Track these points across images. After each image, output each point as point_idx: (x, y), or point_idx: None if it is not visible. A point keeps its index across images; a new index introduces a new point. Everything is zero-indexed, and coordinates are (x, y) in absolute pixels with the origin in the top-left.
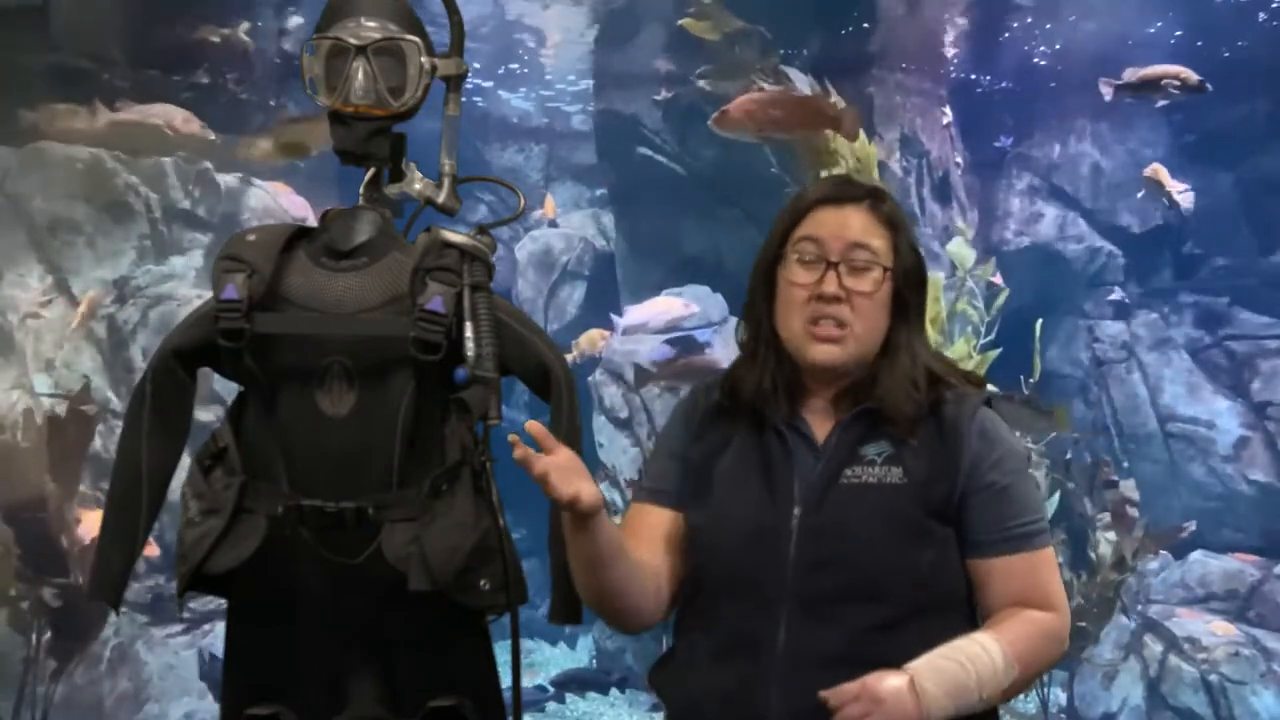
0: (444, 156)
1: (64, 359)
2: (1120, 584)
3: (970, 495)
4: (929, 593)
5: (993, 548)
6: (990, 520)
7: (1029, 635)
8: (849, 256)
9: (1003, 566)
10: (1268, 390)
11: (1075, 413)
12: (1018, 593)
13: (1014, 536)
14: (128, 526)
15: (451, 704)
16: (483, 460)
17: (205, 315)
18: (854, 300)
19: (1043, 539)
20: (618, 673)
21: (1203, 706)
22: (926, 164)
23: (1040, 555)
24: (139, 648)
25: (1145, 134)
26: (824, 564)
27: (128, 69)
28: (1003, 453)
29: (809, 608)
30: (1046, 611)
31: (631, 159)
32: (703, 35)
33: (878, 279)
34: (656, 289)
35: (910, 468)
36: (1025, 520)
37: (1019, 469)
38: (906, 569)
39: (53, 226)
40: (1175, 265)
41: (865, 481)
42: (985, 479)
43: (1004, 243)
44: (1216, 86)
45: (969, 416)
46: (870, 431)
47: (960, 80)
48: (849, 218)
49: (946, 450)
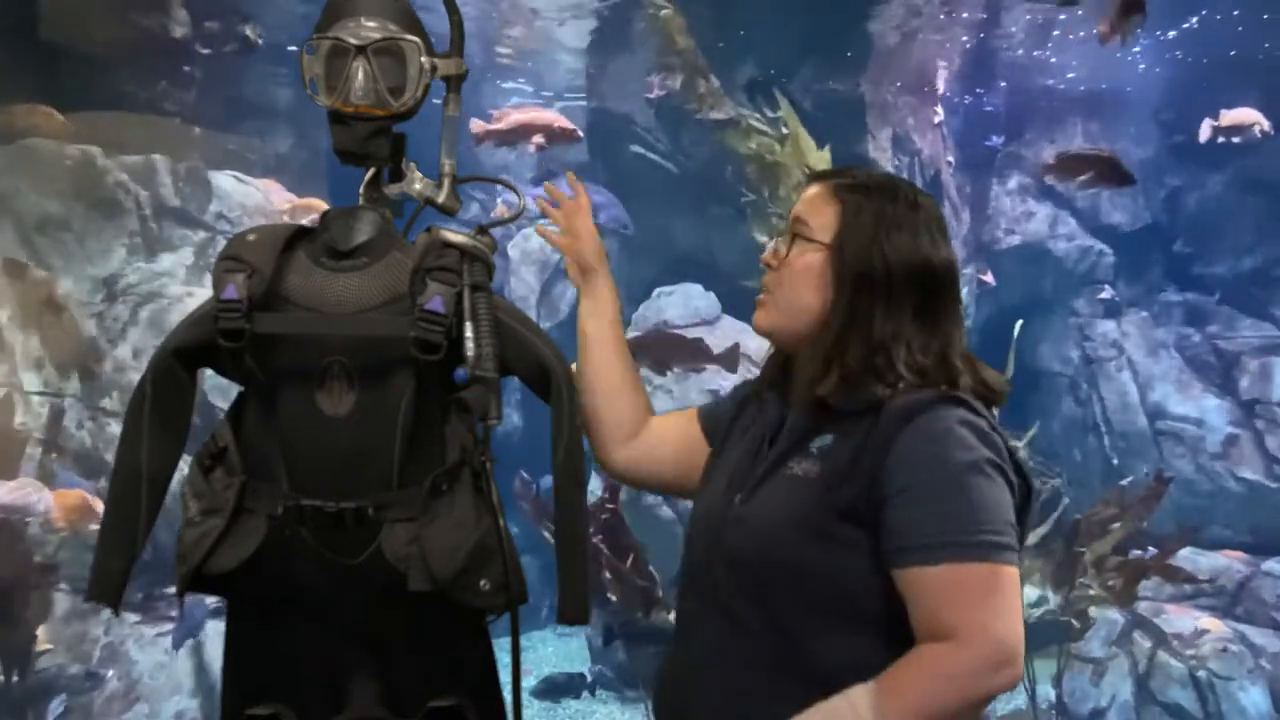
0: (444, 157)
1: (54, 357)
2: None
3: (889, 498)
4: (822, 598)
5: (901, 556)
6: (904, 527)
7: (914, 683)
8: (793, 228)
9: (917, 579)
10: (1256, 388)
11: (1065, 410)
12: (931, 612)
13: (932, 545)
14: (127, 527)
15: (451, 704)
16: (483, 460)
17: (206, 315)
18: (781, 271)
19: (974, 552)
20: (611, 672)
21: (1191, 702)
22: (918, 163)
23: (965, 570)
24: (129, 647)
25: (1135, 133)
26: (734, 557)
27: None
28: (937, 453)
29: (721, 601)
30: (952, 641)
31: (624, 157)
32: (674, 34)
33: (800, 251)
34: (650, 287)
35: (831, 464)
36: (954, 528)
37: (955, 473)
38: (794, 568)
39: (41, 224)
40: (1165, 264)
41: (792, 474)
42: (904, 481)
43: (994, 241)
44: (1212, 85)
45: (904, 416)
46: (823, 423)
47: (952, 100)
48: (806, 192)
49: (869, 448)
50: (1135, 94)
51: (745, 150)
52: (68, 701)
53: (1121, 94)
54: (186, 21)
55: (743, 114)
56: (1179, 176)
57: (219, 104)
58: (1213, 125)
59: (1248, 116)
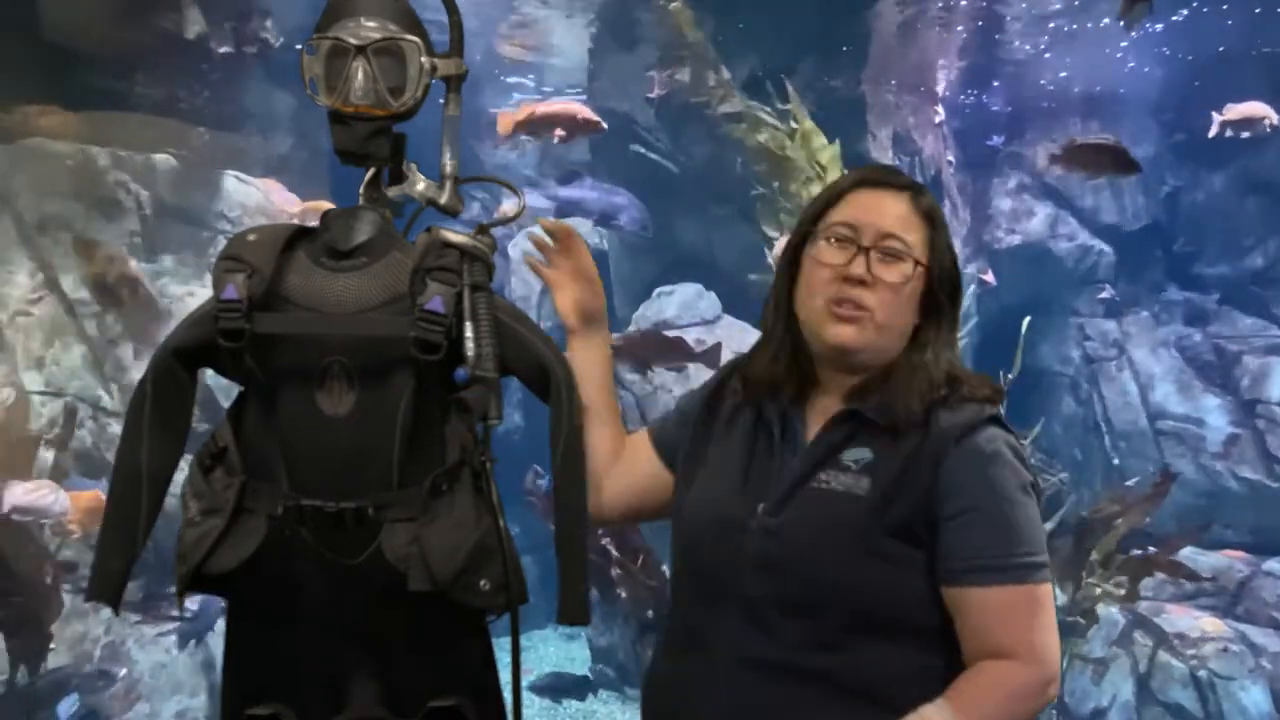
0: (445, 157)
1: (54, 356)
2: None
3: (946, 519)
4: (874, 615)
5: (963, 577)
6: (962, 548)
7: (987, 703)
8: (882, 244)
9: (972, 599)
10: (1257, 388)
11: (1066, 410)
12: (986, 630)
13: (990, 568)
14: (128, 527)
15: (451, 704)
16: (483, 460)
17: (206, 315)
18: (879, 289)
19: (1026, 574)
20: (611, 671)
21: (1192, 702)
22: (919, 162)
23: (1019, 591)
24: (130, 646)
25: (1135, 132)
26: (769, 568)
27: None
28: (990, 477)
29: (750, 611)
30: (1013, 660)
31: (625, 156)
32: (683, 26)
33: (907, 272)
34: (650, 286)
35: (880, 481)
36: (1006, 552)
37: (1008, 496)
38: (849, 587)
39: (42, 224)
40: (1166, 263)
41: (833, 488)
42: (962, 503)
43: (995, 241)
44: (1210, 84)
45: (957, 436)
46: (856, 436)
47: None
48: (886, 204)
49: (922, 468)
50: (1135, 94)
51: (754, 144)
52: (81, 700)
53: (1122, 93)
54: (197, 21)
55: (751, 106)
56: (1180, 176)
57: (221, 104)
58: (1221, 120)
59: (1257, 110)
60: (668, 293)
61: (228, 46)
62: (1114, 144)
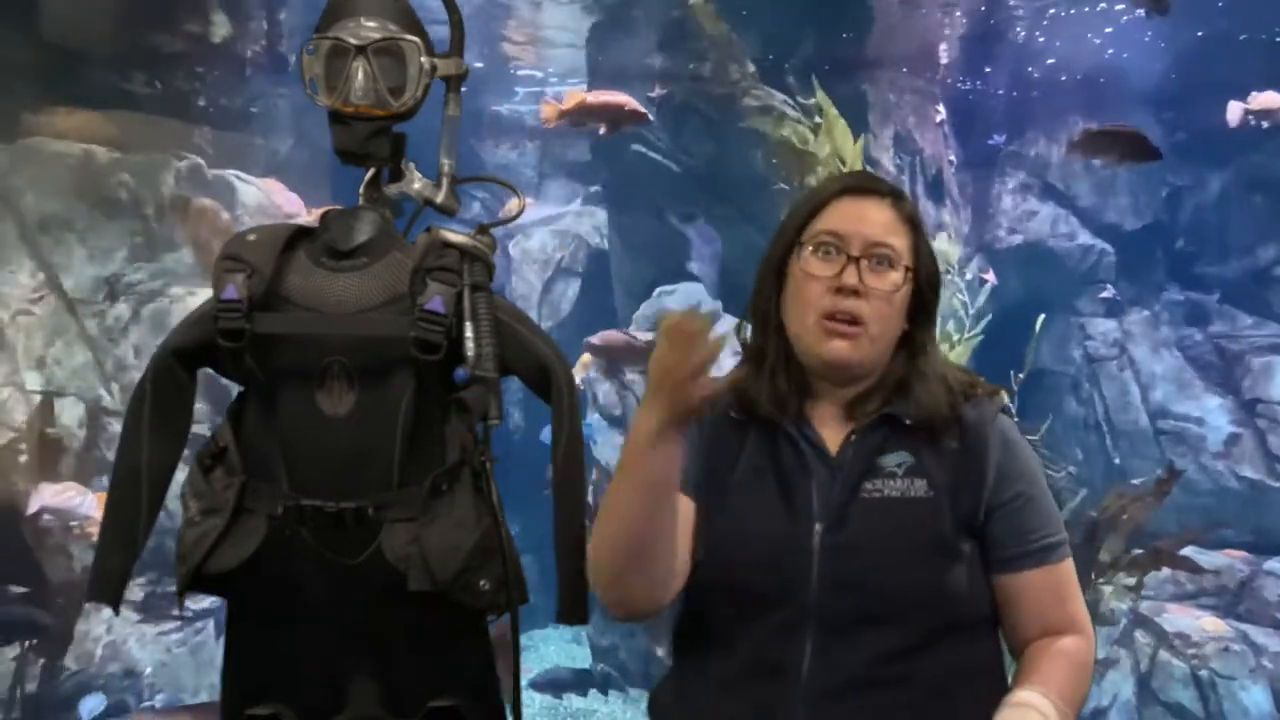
0: (443, 157)
1: (55, 355)
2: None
3: (996, 507)
4: (956, 613)
5: (1019, 562)
6: (1015, 533)
7: (1070, 679)
8: (871, 253)
9: (1028, 582)
10: (1258, 387)
11: (1067, 409)
12: (1044, 610)
13: (1037, 550)
14: (127, 527)
15: (451, 704)
16: (483, 460)
17: (206, 315)
18: (872, 298)
19: (1063, 551)
20: (613, 671)
21: (1192, 701)
22: (920, 161)
23: (1062, 568)
24: (131, 645)
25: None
26: (848, 585)
27: (120, 65)
28: (1025, 462)
29: (831, 630)
30: (1072, 635)
31: (625, 156)
32: (705, 21)
33: (898, 280)
34: (651, 286)
35: (935, 479)
36: (1047, 533)
37: (1040, 479)
38: (933, 590)
39: (44, 223)
40: (1167, 263)
41: (888, 496)
42: (1011, 490)
43: (996, 240)
44: (1209, 84)
45: (990, 424)
46: (887, 440)
47: (954, 86)
48: (871, 212)
49: (971, 460)
50: (1136, 93)
51: (777, 137)
52: (107, 699)
53: (1122, 93)
54: (197, 21)
55: (769, 92)
56: (1181, 175)
57: (223, 104)
58: (1243, 109)
59: (1276, 100)
60: (668, 292)
61: (229, 46)
62: (1133, 131)
